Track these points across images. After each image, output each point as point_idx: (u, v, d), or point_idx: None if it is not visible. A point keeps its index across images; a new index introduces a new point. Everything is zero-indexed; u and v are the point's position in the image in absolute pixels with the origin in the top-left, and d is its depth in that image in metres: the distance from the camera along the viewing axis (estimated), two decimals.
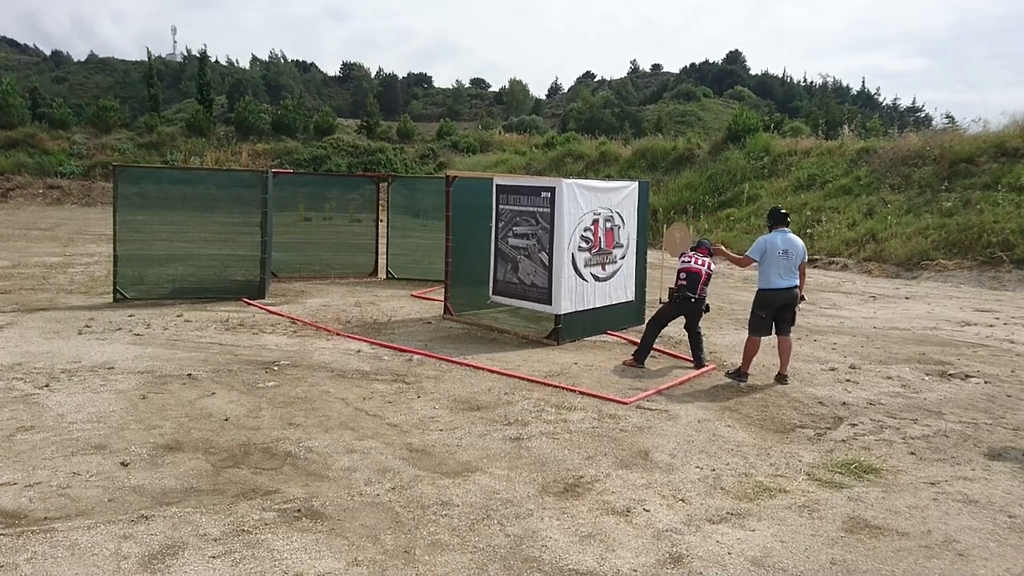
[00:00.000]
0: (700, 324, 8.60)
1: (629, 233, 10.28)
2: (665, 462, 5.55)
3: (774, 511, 4.76)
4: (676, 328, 10.50)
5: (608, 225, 9.89)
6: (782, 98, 77.21)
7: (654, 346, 8.63)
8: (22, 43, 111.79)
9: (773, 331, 7.89)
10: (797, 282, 7.85)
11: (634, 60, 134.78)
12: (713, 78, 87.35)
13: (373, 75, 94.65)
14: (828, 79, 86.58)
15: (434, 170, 38.99)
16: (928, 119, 60.40)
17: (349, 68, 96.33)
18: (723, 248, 8.61)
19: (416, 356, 8.56)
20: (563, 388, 7.38)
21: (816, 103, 59.61)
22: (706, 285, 8.53)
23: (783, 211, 8.10)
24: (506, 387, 7.40)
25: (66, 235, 21.77)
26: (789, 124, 37.56)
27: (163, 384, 7.10)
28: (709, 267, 8.55)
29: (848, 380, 8.05)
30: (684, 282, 8.43)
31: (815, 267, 18.34)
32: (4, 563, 3.81)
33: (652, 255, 11.59)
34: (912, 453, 5.90)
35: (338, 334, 9.61)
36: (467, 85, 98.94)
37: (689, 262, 8.52)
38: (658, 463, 5.53)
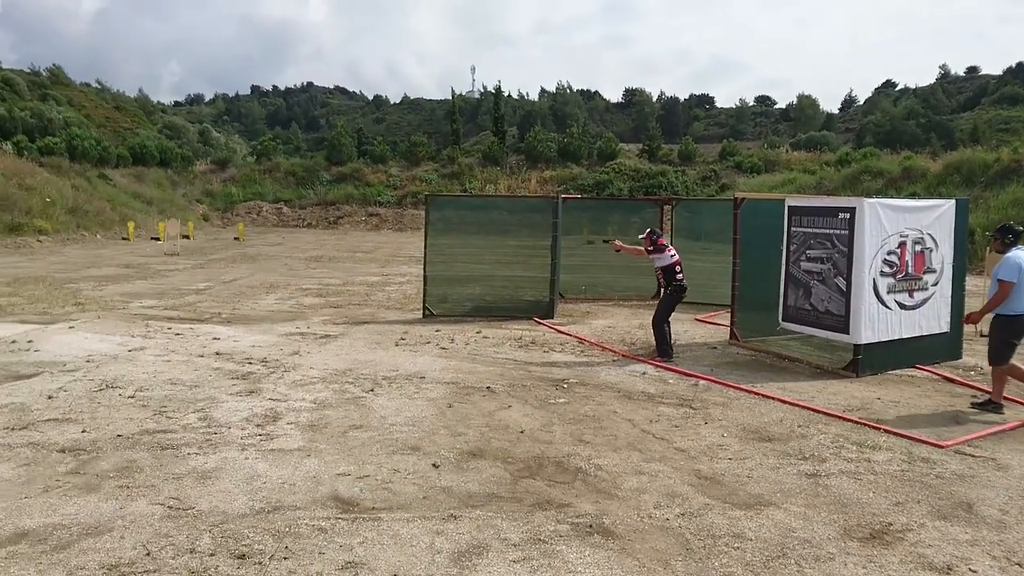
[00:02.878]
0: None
1: (943, 257, 9.25)
2: (995, 518, 4.89)
3: None
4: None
5: (917, 248, 8.99)
6: None
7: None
8: (350, 90, 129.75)
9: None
10: None
11: (944, 64, 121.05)
12: None
13: (655, 99, 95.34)
14: None
15: (716, 192, 38.14)
16: None
17: (631, 94, 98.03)
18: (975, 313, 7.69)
19: (702, 381, 8.43)
20: (865, 424, 6.81)
21: None
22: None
23: (1020, 228, 7.37)
24: (799, 419, 7.01)
25: (383, 257, 24.65)
26: None
27: (466, 395, 7.74)
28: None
29: None
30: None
31: None
32: (343, 544, 4.41)
33: (971, 281, 10.29)
34: None
35: (623, 355, 9.78)
36: (750, 103, 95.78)
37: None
38: (985, 518, 4.88)
